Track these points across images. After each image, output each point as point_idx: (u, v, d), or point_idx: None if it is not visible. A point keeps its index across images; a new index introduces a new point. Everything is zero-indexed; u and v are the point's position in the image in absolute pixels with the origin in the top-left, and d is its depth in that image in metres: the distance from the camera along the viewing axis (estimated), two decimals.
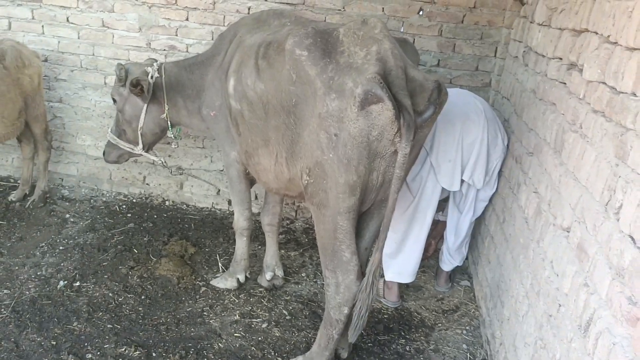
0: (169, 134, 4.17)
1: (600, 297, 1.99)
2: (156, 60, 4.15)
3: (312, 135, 2.77)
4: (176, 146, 4.52)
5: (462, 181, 3.90)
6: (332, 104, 2.62)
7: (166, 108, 3.99)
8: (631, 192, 1.88)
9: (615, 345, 1.78)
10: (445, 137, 3.75)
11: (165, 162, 4.45)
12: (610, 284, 1.93)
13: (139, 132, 4.10)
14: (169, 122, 4.07)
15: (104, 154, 4.47)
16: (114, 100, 4.16)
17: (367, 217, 3.10)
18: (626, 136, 2.01)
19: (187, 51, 5.02)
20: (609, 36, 2.33)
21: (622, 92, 2.11)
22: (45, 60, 5.25)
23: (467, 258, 4.79)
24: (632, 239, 1.83)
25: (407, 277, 4.07)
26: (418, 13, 4.71)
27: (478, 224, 4.48)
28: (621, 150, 2.04)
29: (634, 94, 2.00)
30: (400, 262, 4.00)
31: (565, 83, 2.90)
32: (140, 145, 4.17)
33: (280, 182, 3.23)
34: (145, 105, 3.99)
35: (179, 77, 3.99)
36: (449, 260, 4.31)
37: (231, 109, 3.41)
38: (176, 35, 5.04)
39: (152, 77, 3.92)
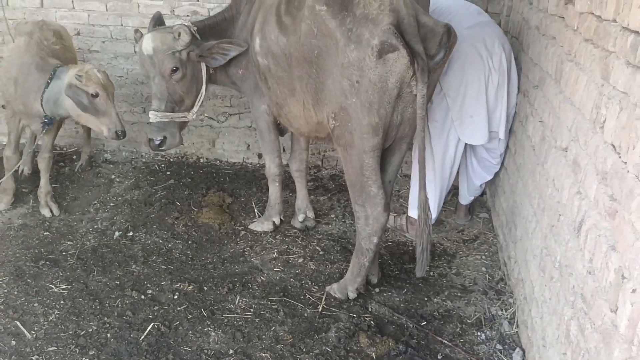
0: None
1: (590, 200, 2.30)
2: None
3: (335, 83, 3.07)
4: None
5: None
6: (352, 54, 2.92)
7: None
8: (612, 106, 2.17)
9: (600, 237, 2.10)
10: (470, 91, 3.93)
11: (212, 117, 4.67)
12: (597, 188, 2.23)
13: (200, 95, 4.03)
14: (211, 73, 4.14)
15: (162, 144, 4.00)
16: (176, 70, 3.82)
17: (389, 154, 3.44)
18: (609, 59, 2.28)
19: (209, 15, 5.30)
20: None
21: (606, 20, 2.37)
22: (78, 34, 5.61)
23: (485, 193, 5.12)
24: (613, 146, 2.13)
25: None
26: None
27: None
28: (605, 71, 2.31)
29: (615, 20, 2.26)
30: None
31: (563, 17, 3.13)
32: (195, 109, 4.06)
33: (311, 126, 3.55)
34: (204, 65, 3.97)
35: (209, 37, 4.10)
36: (467, 196, 4.63)
37: (259, 65, 3.71)
38: (197, 0, 5.33)
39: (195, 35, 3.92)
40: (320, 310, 3.56)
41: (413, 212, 4.38)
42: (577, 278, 2.34)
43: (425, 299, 3.74)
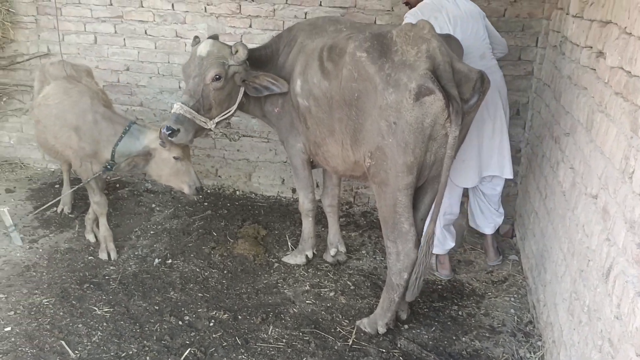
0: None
1: (618, 247, 2.39)
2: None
3: (373, 124, 3.26)
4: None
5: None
6: (390, 97, 3.11)
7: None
8: None
9: (628, 283, 2.19)
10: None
11: (225, 133, 4.79)
12: (625, 235, 2.33)
13: (227, 113, 4.09)
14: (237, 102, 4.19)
15: (173, 135, 3.87)
16: (218, 78, 3.88)
17: (422, 192, 3.58)
18: (638, 112, 2.40)
19: None
20: (625, 27, 2.70)
21: (635, 76, 2.49)
22: (127, 69, 5.94)
23: (515, 235, 5.18)
24: None
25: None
26: None
27: (524, 203, 4.86)
28: (635, 124, 2.42)
29: None
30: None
31: (594, 69, 3.26)
32: (217, 119, 4.06)
33: (347, 165, 3.73)
34: (242, 90, 4.08)
35: (252, 67, 4.18)
36: (488, 223, 4.72)
37: (299, 106, 3.91)
38: (241, 41, 5.60)
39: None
40: (350, 343, 3.65)
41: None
42: (605, 322, 2.41)
43: (454, 337, 3.80)
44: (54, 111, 4.32)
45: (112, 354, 3.45)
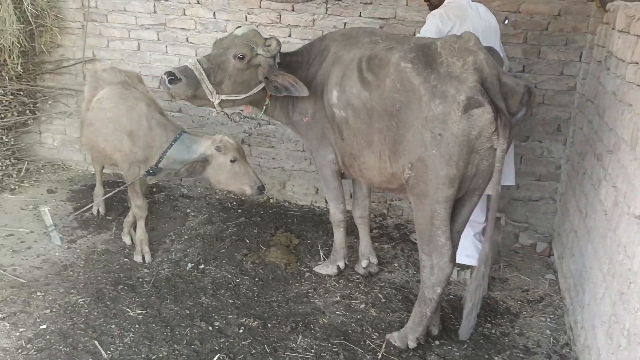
0: (259, 113, 4.31)
1: None
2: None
3: (416, 135, 3.24)
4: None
5: None
6: (437, 108, 3.10)
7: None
8: None
9: None
10: None
11: (227, 113, 4.39)
12: None
13: (235, 97, 4.01)
14: (266, 104, 4.19)
15: (173, 82, 3.80)
16: (241, 58, 3.87)
17: (460, 205, 3.53)
18: None
19: None
20: None
21: None
22: None
23: (552, 254, 5.06)
24: None
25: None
26: (503, 22, 5.00)
27: (563, 221, 4.74)
28: None
29: None
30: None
31: None
32: (224, 97, 3.96)
33: (384, 177, 3.70)
34: (262, 87, 4.02)
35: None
36: None
37: (335, 117, 3.89)
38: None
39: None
40: (379, 357, 3.61)
41: (462, 258, 4.30)
42: None
43: (486, 356, 3.71)
44: (108, 115, 4.39)
45: (142, 355, 3.48)
